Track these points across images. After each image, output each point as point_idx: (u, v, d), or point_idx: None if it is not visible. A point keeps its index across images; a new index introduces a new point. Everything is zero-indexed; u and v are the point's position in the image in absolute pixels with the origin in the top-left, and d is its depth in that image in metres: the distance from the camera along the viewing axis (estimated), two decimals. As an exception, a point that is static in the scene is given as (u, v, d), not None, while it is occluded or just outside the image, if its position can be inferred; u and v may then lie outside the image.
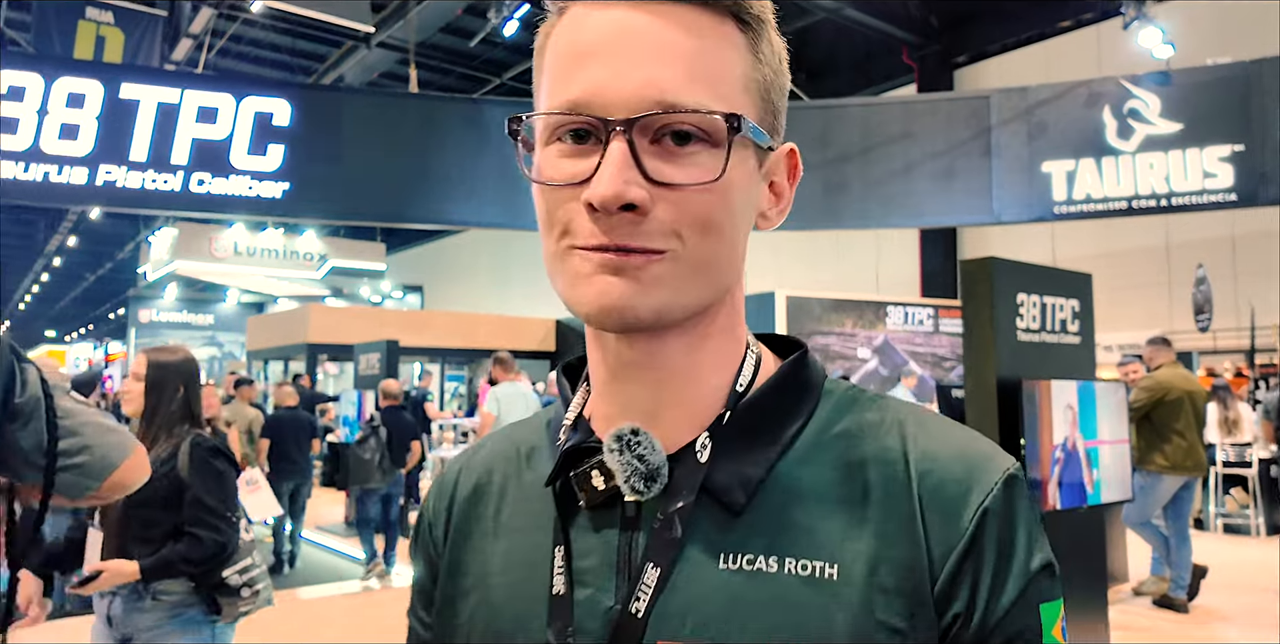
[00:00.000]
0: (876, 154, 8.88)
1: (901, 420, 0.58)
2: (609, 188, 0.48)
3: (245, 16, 11.19)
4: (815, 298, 9.61)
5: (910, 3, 11.91)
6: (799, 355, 0.62)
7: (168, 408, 2.35)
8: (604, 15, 0.52)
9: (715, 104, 0.51)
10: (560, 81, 0.53)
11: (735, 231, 0.54)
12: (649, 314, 0.51)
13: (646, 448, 0.54)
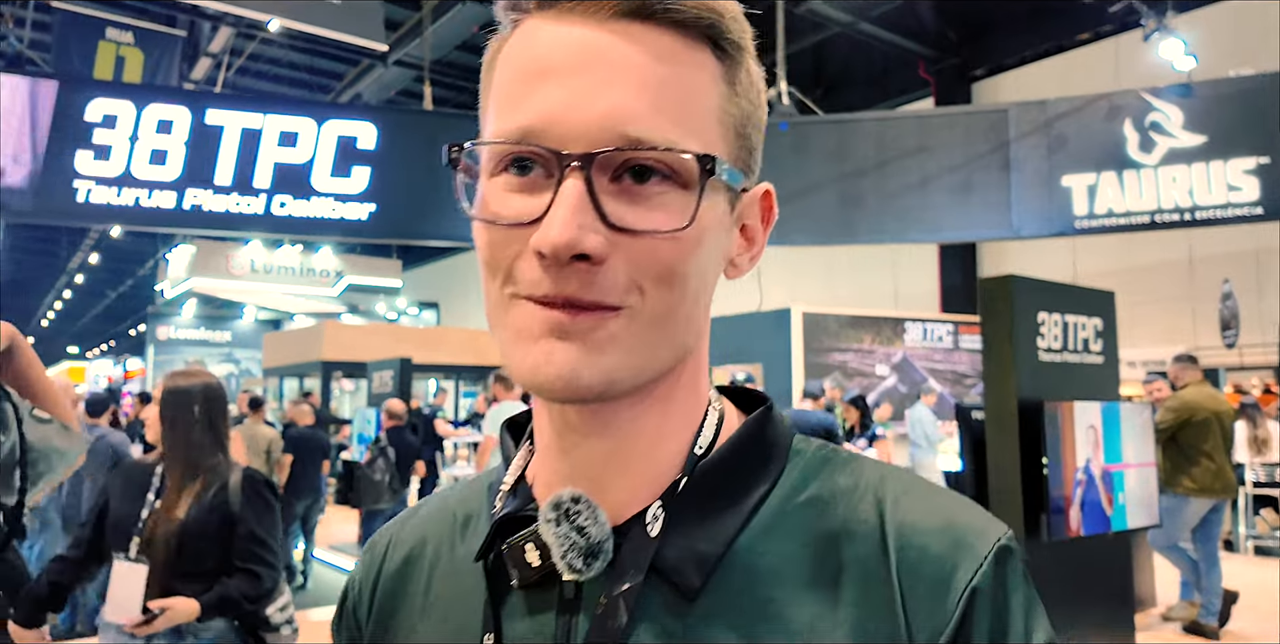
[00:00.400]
0: (893, 168, 8.80)
1: (878, 486, 0.51)
2: (561, 234, 0.42)
3: (263, 36, 11.30)
4: (832, 314, 9.52)
5: (926, 16, 11.87)
6: (762, 411, 0.55)
7: (187, 434, 2.28)
8: (564, 31, 0.46)
9: (687, 141, 0.45)
10: (511, 104, 0.46)
11: (701, 284, 0.48)
12: (598, 384, 0.45)
13: (588, 519, 0.47)
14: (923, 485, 0.52)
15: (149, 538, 2.16)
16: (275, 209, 7.80)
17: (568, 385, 0.44)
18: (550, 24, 0.46)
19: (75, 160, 7.29)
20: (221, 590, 2.14)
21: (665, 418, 0.51)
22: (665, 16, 0.45)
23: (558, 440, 0.51)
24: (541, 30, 0.46)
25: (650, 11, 0.45)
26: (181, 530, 2.15)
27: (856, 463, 0.53)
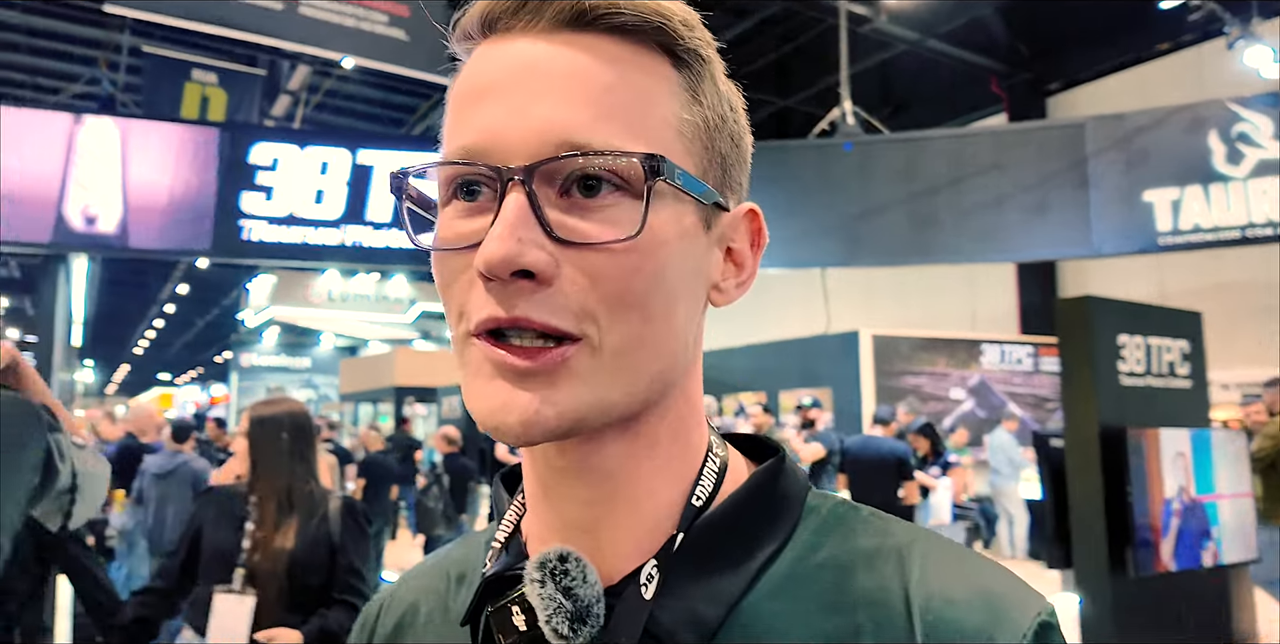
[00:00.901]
0: (965, 186, 8.59)
1: (903, 549, 0.45)
2: (499, 249, 0.39)
3: (338, 73, 11.75)
4: (904, 336, 9.29)
5: (997, 31, 11.62)
6: (773, 462, 0.50)
7: (277, 462, 2.24)
8: (503, 49, 0.44)
9: (634, 146, 0.42)
10: (454, 128, 0.44)
11: (669, 305, 0.44)
12: (560, 425, 0.41)
13: (576, 579, 0.43)
14: (954, 551, 0.47)
15: (253, 569, 2.12)
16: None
17: (526, 428, 0.41)
18: (493, 46, 0.45)
19: (241, 201, 7.91)
20: (322, 622, 2.10)
21: (655, 463, 0.47)
22: (605, 22, 0.43)
23: (544, 488, 0.48)
24: (484, 54, 0.45)
25: (589, 19, 0.43)
26: (290, 561, 2.12)
27: (879, 522, 0.48)
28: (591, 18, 0.43)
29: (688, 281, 0.45)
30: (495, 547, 0.51)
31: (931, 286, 12.90)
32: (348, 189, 8.08)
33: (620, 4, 0.43)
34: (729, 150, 0.48)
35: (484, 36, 0.46)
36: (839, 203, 9.02)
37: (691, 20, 0.46)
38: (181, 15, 6.80)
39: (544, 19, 0.43)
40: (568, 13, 0.43)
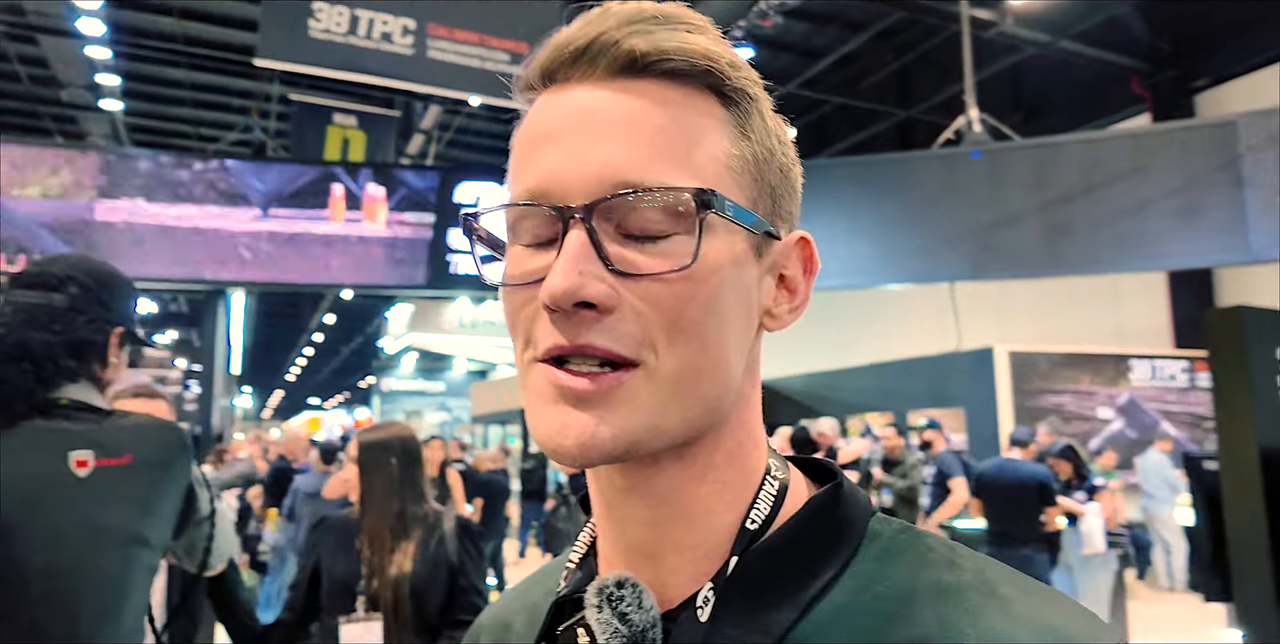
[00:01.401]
0: (1103, 192, 8.11)
1: (966, 585, 0.44)
2: (561, 281, 0.42)
3: (468, 111, 12.33)
4: (1043, 352, 8.82)
5: (1135, 28, 10.97)
6: (830, 487, 0.50)
7: (384, 487, 2.24)
8: (563, 98, 0.47)
9: (686, 183, 0.44)
10: (519, 172, 0.47)
11: (722, 333, 0.45)
12: (616, 448, 0.43)
13: (631, 605, 0.45)
14: (1020, 585, 0.45)
15: (374, 595, 2.12)
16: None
17: (583, 450, 0.43)
18: (553, 95, 0.48)
19: (448, 237, 8.75)
20: None
21: (712, 486, 0.48)
22: (658, 68, 0.46)
23: (608, 510, 0.50)
24: (545, 103, 0.48)
25: (643, 65, 0.46)
26: (410, 585, 2.12)
27: (945, 551, 0.47)
28: (643, 65, 0.46)
29: (741, 308, 0.47)
30: (569, 567, 0.53)
31: (1071, 299, 12.18)
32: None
33: (669, 50, 0.46)
34: (778, 182, 0.50)
35: (544, 87, 0.49)
36: (966, 214, 8.68)
37: (738, 61, 0.48)
38: (323, 65, 7.33)
39: (599, 68, 0.46)
40: (621, 61, 0.46)
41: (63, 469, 1.31)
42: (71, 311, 1.43)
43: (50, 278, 1.43)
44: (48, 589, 1.26)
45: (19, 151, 8.29)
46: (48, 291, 1.42)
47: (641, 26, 0.46)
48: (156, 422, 1.49)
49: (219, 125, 13.26)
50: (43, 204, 8.09)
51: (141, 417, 1.49)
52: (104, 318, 1.48)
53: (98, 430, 1.37)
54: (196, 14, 10.41)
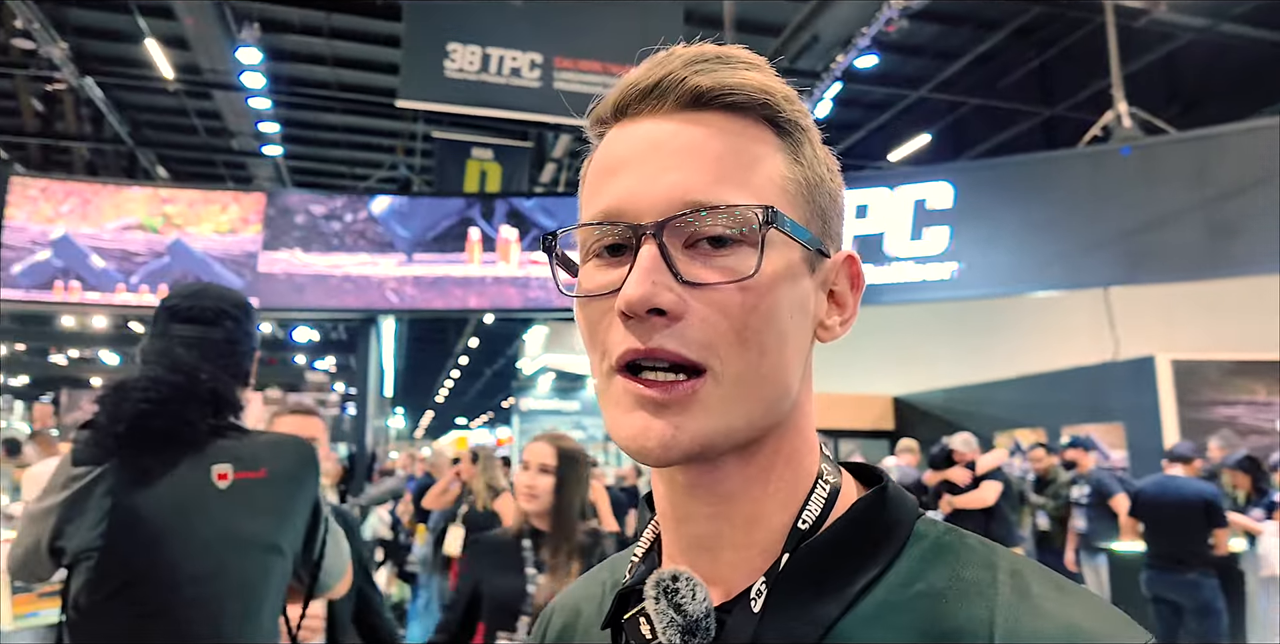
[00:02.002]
0: (1271, 187, 7.42)
1: (1000, 582, 0.47)
2: (637, 290, 0.46)
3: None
4: (1212, 360, 8.11)
5: (1309, 4, 10.01)
6: (876, 490, 0.53)
7: (576, 503, 2.19)
8: (634, 130, 0.52)
9: (747, 200, 0.49)
10: (593, 196, 0.53)
11: (783, 342, 0.50)
12: (694, 447, 0.48)
13: (686, 596, 0.49)
14: (1054, 585, 0.47)
15: (538, 614, 2.12)
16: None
17: (665, 451, 0.47)
18: (624, 128, 0.53)
19: None
20: None
21: (768, 487, 0.52)
22: (719, 102, 0.51)
23: (672, 507, 0.54)
24: (617, 135, 0.54)
25: (706, 100, 0.51)
26: None
27: (985, 552, 0.49)
28: (707, 99, 0.51)
29: (797, 319, 0.51)
30: (634, 560, 0.57)
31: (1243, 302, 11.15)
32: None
33: (730, 86, 0.51)
34: (828, 205, 0.55)
35: (615, 121, 0.54)
36: (1118, 214, 8.14)
37: (791, 95, 0.54)
38: (458, 102, 7.76)
39: (667, 103, 0.51)
40: (687, 97, 0.51)
41: (206, 481, 1.45)
42: (229, 343, 1.59)
43: (205, 312, 1.58)
44: (195, 593, 1.39)
45: (198, 195, 9.20)
46: (206, 326, 1.57)
47: (705, 66, 0.51)
48: (289, 438, 1.62)
49: (369, 164, 14.21)
50: (214, 239, 8.94)
51: (276, 434, 1.63)
52: (250, 346, 1.65)
53: (237, 446, 1.51)
54: (347, 61, 11.25)
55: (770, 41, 10.21)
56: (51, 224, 8.60)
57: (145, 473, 1.42)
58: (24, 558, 1.42)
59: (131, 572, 1.37)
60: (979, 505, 5.69)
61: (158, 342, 1.54)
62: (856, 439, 11.68)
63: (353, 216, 9.14)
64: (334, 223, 9.09)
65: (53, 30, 9.13)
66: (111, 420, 1.42)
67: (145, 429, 1.42)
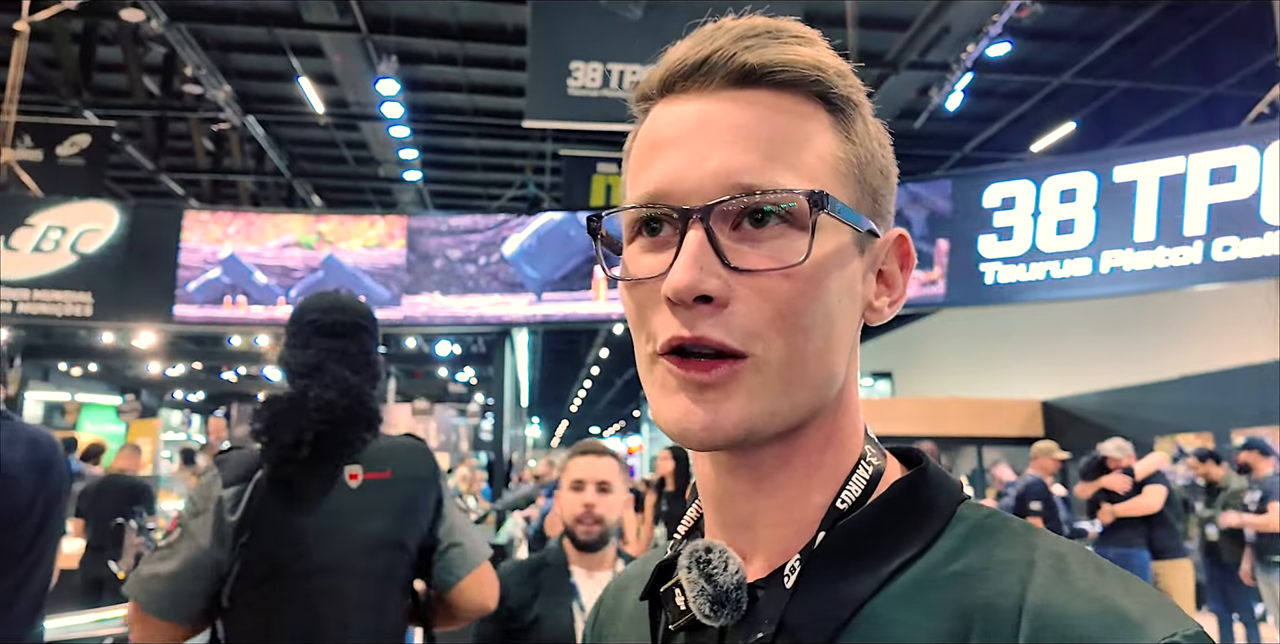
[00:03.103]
0: None
1: (1038, 560, 0.45)
2: (684, 277, 0.46)
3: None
4: None
5: None
6: (914, 472, 0.52)
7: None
8: (679, 107, 0.51)
9: (798, 184, 0.48)
10: (638, 175, 0.52)
11: (830, 326, 0.49)
12: (737, 432, 0.47)
13: (718, 568, 0.49)
14: (1095, 566, 0.45)
15: None
16: (1217, 254, 7.11)
17: (709, 434, 0.47)
18: (670, 105, 0.52)
19: (980, 246, 8.11)
20: None
21: (809, 468, 0.51)
22: (770, 79, 0.50)
23: (712, 487, 0.54)
24: (663, 112, 0.52)
25: (756, 77, 0.49)
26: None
27: (1028, 535, 0.48)
28: (756, 77, 0.49)
29: (845, 302, 0.50)
30: (677, 536, 0.58)
31: None
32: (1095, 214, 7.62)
33: (779, 63, 0.49)
34: (879, 183, 0.53)
35: (661, 97, 0.53)
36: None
37: (844, 70, 0.52)
38: (581, 119, 7.98)
39: (715, 80, 0.50)
40: (736, 73, 0.49)
41: (340, 481, 1.57)
42: (364, 354, 1.70)
43: (345, 326, 1.69)
44: (326, 583, 1.50)
45: (349, 219, 9.86)
46: (346, 339, 1.68)
47: (754, 41, 0.50)
48: (411, 441, 1.73)
49: (502, 184, 14.78)
50: (363, 254, 9.57)
51: (400, 437, 1.74)
52: (378, 355, 1.76)
53: (366, 449, 1.62)
54: (480, 87, 11.78)
55: (898, 36, 9.96)
56: (220, 244, 9.45)
57: (288, 474, 1.54)
58: (186, 571, 1.46)
59: (272, 563, 1.48)
60: (1144, 512, 5.30)
61: (302, 354, 1.64)
62: (1002, 446, 11.11)
63: (486, 259, 9.60)
64: (469, 266, 9.58)
65: (218, 75, 10.03)
66: (294, 438, 1.53)
67: (317, 447, 1.55)
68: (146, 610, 1.44)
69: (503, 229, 9.57)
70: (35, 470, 1.97)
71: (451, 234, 9.53)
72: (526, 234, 9.51)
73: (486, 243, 9.58)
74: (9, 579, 1.90)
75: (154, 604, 1.43)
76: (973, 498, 0.53)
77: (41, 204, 9.03)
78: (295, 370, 1.63)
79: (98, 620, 2.72)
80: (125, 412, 12.34)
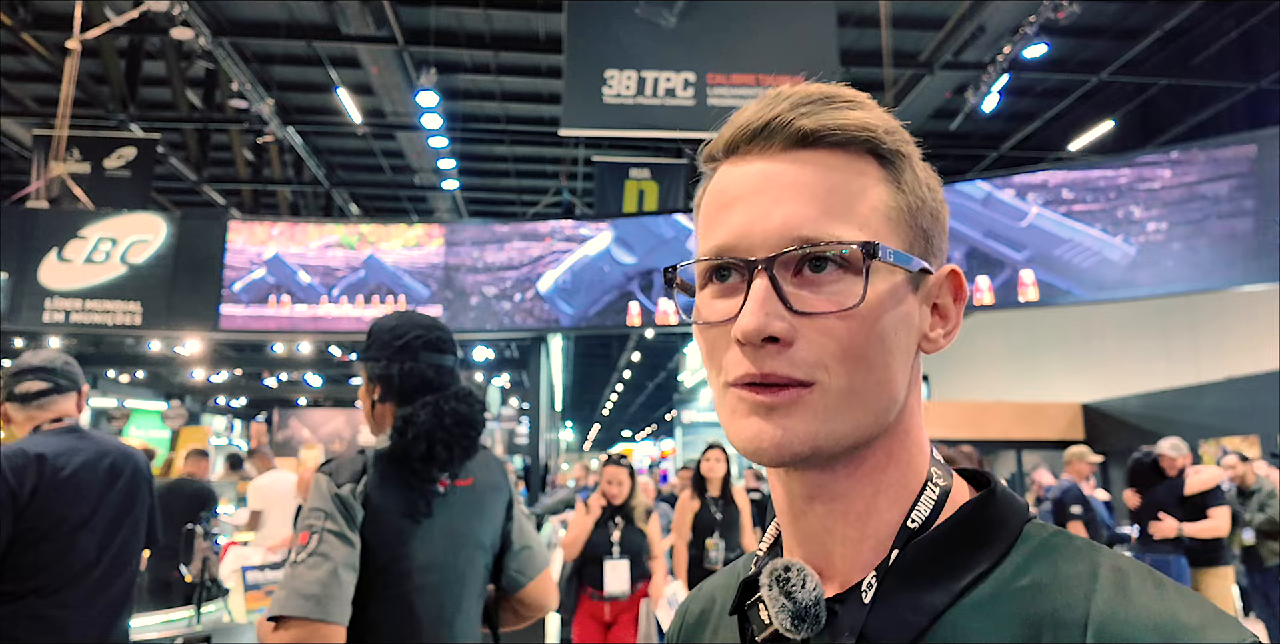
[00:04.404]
0: None
1: (1099, 576, 0.49)
2: (752, 321, 0.51)
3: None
4: None
5: None
6: (985, 493, 0.56)
7: None
8: (746, 168, 0.56)
9: (853, 234, 0.53)
10: (708, 230, 0.57)
11: (887, 357, 0.53)
12: (804, 449, 0.52)
13: (796, 585, 0.53)
14: (1155, 580, 0.48)
15: None
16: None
17: (779, 451, 0.52)
18: (735, 165, 0.57)
19: None
20: None
21: (878, 488, 0.55)
22: (825, 142, 0.55)
23: (790, 506, 0.58)
24: (729, 172, 0.57)
25: (814, 140, 0.55)
26: None
27: (1092, 552, 0.51)
28: (812, 140, 0.55)
29: (901, 337, 0.55)
30: (759, 553, 0.63)
31: None
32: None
33: (832, 128, 0.55)
34: (929, 224, 0.58)
35: (726, 158, 0.58)
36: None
37: (893, 127, 0.57)
38: (616, 126, 8.03)
39: (775, 143, 0.56)
40: (795, 137, 0.55)
41: (433, 487, 1.66)
42: (454, 370, 1.81)
43: (444, 343, 1.80)
44: (423, 581, 1.60)
45: (387, 226, 10.03)
46: (446, 355, 1.80)
47: (810, 108, 0.55)
48: (487, 452, 1.85)
49: (536, 191, 14.91)
50: (402, 253, 9.75)
51: (480, 449, 1.83)
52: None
53: None
54: (515, 95, 11.90)
55: (932, 36, 9.90)
56: (264, 245, 9.69)
57: (391, 480, 1.63)
58: (344, 570, 1.49)
59: (379, 562, 1.56)
60: (1214, 535, 5.15)
61: (415, 369, 1.74)
62: (1042, 451, 10.97)
63: (521, 296, 9.71)
64: (504, 303, 9.71)
65: (259, 87, 10.24)
66: (445, 450, 1.66)
67: (449, 453, 1.67)
68: (314, 617, 1.42)
69: (537, 266, 9.69)
70: (98, 480, 2.07)
71: (487, 271, 9.67)
72: (561, 270, 9.62)
73: (522, 280, 9.70)
74: (87, 578, 1.99)
75: (320, 610, 1.43)
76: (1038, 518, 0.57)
77: (93, 216, 9.30)
78: (410, 386, 1.73)
79: (165, 621, 2.82)
80: (171, 417, 12.63)
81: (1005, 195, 8.43)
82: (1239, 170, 7.79)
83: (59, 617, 1.92)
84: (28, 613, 1.88)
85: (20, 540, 1.89)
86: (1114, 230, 8.14)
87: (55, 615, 1.92)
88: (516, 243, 9.77)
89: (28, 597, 1.90)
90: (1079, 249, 8.19)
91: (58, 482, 1.97)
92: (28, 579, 1.90)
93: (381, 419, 1.76)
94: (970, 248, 8.47)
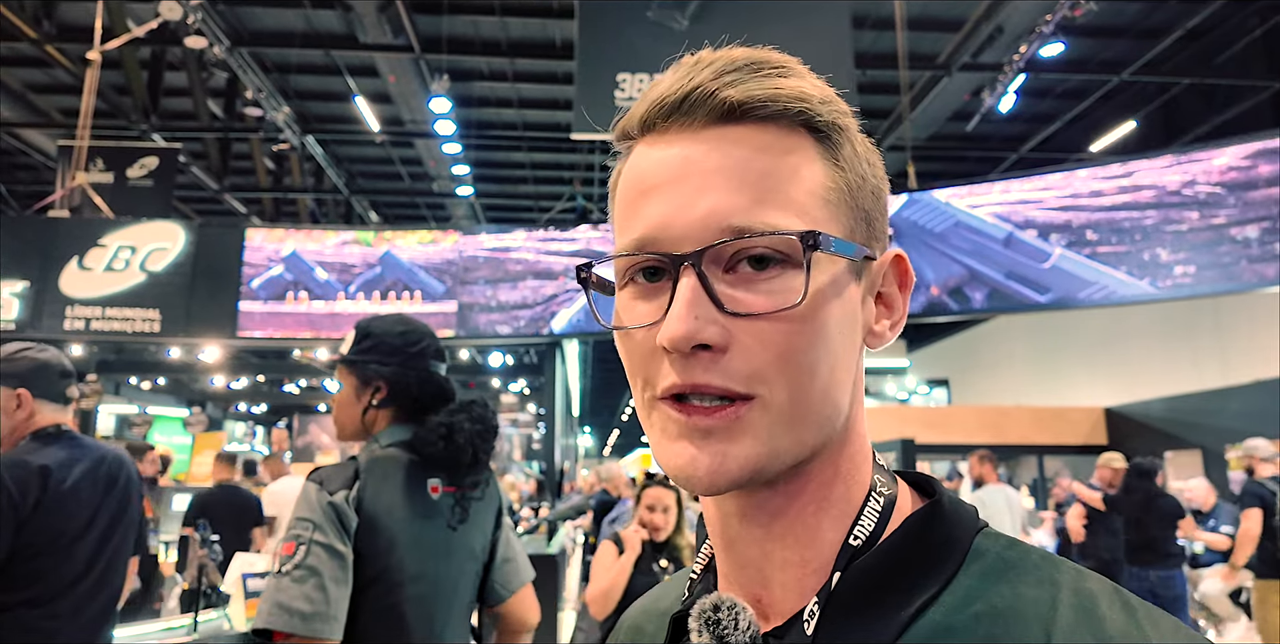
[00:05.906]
0: None
1: (1059, 600, 0.43)
2: (678, 327, 0.44)
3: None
4: None
5: None
6: (929, 505, 0.50)
7: None
8: (666, 150, 0.49)
9: (790, 222, 0.46)
10: (626, 221, 0.50)
11: (833, 361, 0.47)
12: (743, 475, 0.46)
13: (728, 628, 0.47)
14: (1122, 604, 0.43)
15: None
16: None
17: (714, 480, 0.45)
18: (653, 146, 0.50)
19: None
20: None
21: (819, 504, 0.49)
22: (754, 115, 0.48)
23: (722, 530, 0.52)
24: (646, 153, 0.50)
25: (740, 114, 0.48)
26: None
27: (1048, 569, 0.46)
28: (739, 113, 0.48)
29: (845, 333, 0.48)
30: (692, 578, 0.56)
31: None
32: None
33: (762, 98, 0.48)
34: (871, 205, 0.51)
35: (642, 136, 0.51)
36: None
37: (829, 96, 0.50)
38: (630, 130, 8.02)
39: (697, 118, 0.48)
40: (719, 111, 0.48)
41: (425, 494, 1.62)
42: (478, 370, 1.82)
43: (442, 352, 1.80)
44: (416, 591, 1.55)
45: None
46: (443, 362, 1.80)
47: (734, 76, 0.48)
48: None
49: (552, 197, 14.93)
50: (418, 249, 9.80)
51: None
52: None
53: None
54: (530, 102, 11.94)
55: (950, 37, 9.82)
56: (282, 242, 9.78)
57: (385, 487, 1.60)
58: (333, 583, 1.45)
59: (372, 570, 1.53)
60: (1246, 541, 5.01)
61: (432, 377, 1.74)
62: (1064, 456, 10.78)
63: (536, 334, 9.74)
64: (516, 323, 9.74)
65: (278, 97, 10.34)
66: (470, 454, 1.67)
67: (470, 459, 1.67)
68: (301, 634, 1.38)
69: (551, 305, 9.67)
70: (97, 490, 2.06)
71: (500, 310, 9.65)
72: (575, 309, 9.60)
73: (536, 318, 9.68)
74: (78, 588, 1.98)
75: (306, 627, 1.38)
76: (990, 525, 0.51)
77: (112, 225, 9.42)
78: (428, 393, 1.72)
79: (164, 629, 2.81)
80: (192, 424, 12.75)
81: (1028, 236, 8.24)
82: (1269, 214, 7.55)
83: (48, 628, 1.91)
84: (17, 625, 1.86)
85: (18, 554, 1.88)
86: (1139, 273, 7.88)
87: (45, 626, 1.90)
88: (530, 282, 9.71)
89: (18, 608, 1.87)
90: (1104, 291, 8.00)
91: (60, 494, 1.96)
92: (21, 590, 1.88)
93: (373, 424, 1.71)
94: (991, 289, 8.31)
